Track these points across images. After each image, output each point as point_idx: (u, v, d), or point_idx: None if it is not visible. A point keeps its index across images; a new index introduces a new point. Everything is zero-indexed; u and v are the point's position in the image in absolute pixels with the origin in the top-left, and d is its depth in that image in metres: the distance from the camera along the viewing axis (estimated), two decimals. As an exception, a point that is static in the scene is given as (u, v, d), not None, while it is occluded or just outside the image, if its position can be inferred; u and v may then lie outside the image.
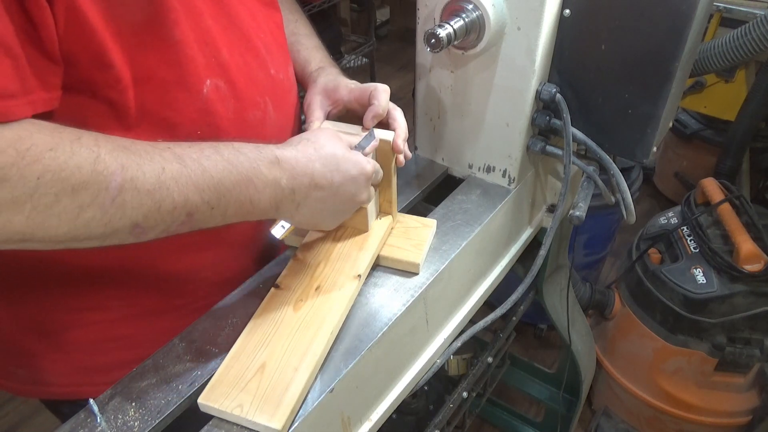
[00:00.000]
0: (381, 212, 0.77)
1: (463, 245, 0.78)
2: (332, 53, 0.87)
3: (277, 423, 0.53)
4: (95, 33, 0.50)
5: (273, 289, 0.67)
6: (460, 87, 0.85)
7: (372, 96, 0.71)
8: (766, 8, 1.73)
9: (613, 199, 0.87)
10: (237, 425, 0.55)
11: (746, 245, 1.33)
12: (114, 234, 0.48)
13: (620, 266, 1.72)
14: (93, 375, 0.72)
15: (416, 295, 0.70)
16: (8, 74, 0.44)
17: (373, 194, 0.70)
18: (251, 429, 0.55)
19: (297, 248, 0.73)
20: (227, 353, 0.60)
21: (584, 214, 0.82)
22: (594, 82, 0.80)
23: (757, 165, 2.08)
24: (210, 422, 0.56)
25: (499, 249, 0.94)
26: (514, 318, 1.17)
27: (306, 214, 0.61)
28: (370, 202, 0.71)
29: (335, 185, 0.61)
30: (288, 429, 0.55)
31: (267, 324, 0.63)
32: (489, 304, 0.94)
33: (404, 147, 0.70)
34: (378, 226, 0.75)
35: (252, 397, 0.55)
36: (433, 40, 0.71)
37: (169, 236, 0.53)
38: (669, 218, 1.58)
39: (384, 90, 0.72)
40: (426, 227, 0.77)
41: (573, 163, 0.84)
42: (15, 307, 0.69)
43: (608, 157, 0.83)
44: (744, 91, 1.85)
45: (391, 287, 0.72)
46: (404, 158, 0.71)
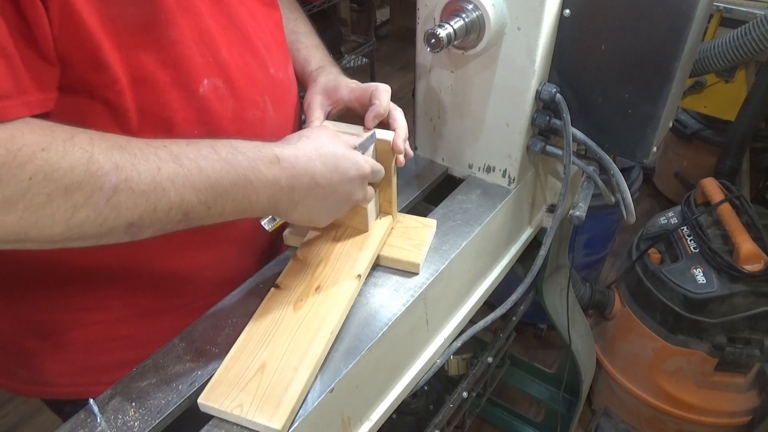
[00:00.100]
0: (381, 212, 0.77)
1: (463, 245, 0.78)
2: (332, 53, 0.87)
3: (277, 423, 0.53)
4: (90, 33, 0.49)
5: (273, 289, 0.67)
6: (460, 87, 0.85)
7: (373, 96, 0.71)
8: (766, 8, 1.73)
9: (613, 199, 0.87)
10: (237, 425, 0.55)
11: (746, 245, 1.33)
12: (109, 234, 0.48)
13: (620, 266, 1.72)
14: (94, 375, 0.72)
15: (416, 295, 0.70)
16: (1, 74, 0.44)
17: (373, 194, 0.70)
18: (251, 429, 0.55)
19: (297, 248, 0.73)
20: (227, 353, 0.60)
21: (584, 214, 0.81)
22: (594, 82, 0.80)
23: (757, 165, 2.08)
24: (210, 422, 0.56)
25: (499, 249, 0.94)
26: (514, 318, 1.17)
27: (302, 212, 0.61)
28: (370, 202, 0.71)
29: (333, 184, 0.61)
30: (288, 429, 0.55)
31: (267, 324, 0.63)
32: (489, 304, 0.94)
33: (405, 147, 0.70)
34: (378, 226, 0.75)
35: (252, 397, 0.55)
36: (433, 40, 0.71)
37: (169, 235, 0.53)
38: (669, 218, 1.58)
39: (385, 90, 0.72)
40: (426, 227, 0.77)
41: (573, 163, 0.84)
42: (15, 307, 0.69)
43: (608, 157, 0.83)
44: (744, 91, 1.85)
45: (391, 287, 0.72)
46: (405, 158, 0.71)
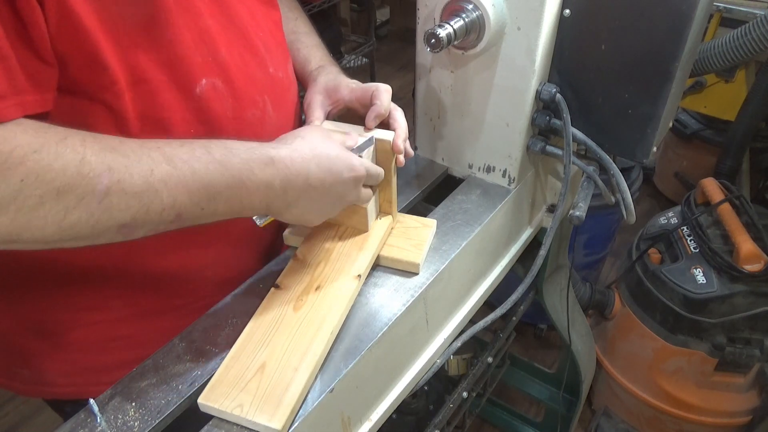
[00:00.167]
0: (381, 212, 0.77)
1: (463, 245, 0.78)
2: (332, 53, 0.86)
3: (277, 423, 0.53)
4: (88, 33, 0.49)
5: (273, 289, 0.67)
6: (460, 87, 0.85)
7: (374, 96, 0.71)
8: (766, 8, 1.73)
9: (613, 199, 0.87)
10: (237, 425, 0.55)
11: (746, 245, 1.33)
12: (102, 234, 0.48)
13: (620, 266, 1.72)
14: (94, 375, 0.72)
15: (416, 295, 0.70)
16: None
17: (370, 195, 0.70)
18: (251, 429, 0.55)
19: (297, 248, 0.73)
20: (227, 353, 0.60)
21: (584, 214, 0.81)
22: (594, 82, 0.80)
23: (757, 165, 2.08)
24: (210, 422, 0.56)
25: (499, 249, 0.94)
26: (514, 318, 1.17)
27: (295, 212, 0.61)
28: (370, 202, 0.71)
29: (326, 186, 0.61)
30: (288, 429, 0.55)
31: (267, 324, 0.63)
32: (489, 304, 0.94)
33: (405, 146, 0.70)
34: (378, 226, 0.75)
35: (252, 397, 0.55)
36: (433, 40, 0.71)
37: (169, 235, 0.53)
38: (669, 218, 1.58)
39: (386, 90, 0.71)
40: (426, 227, 0.77)
41: (573, 163, 0.84)
42: (15, 307, 0.69)
43: (608, 157, 0.83)
44: (744, 91, 1.85)
45: (391, 287, 0.72)
46: (406, 157, 0.71)
